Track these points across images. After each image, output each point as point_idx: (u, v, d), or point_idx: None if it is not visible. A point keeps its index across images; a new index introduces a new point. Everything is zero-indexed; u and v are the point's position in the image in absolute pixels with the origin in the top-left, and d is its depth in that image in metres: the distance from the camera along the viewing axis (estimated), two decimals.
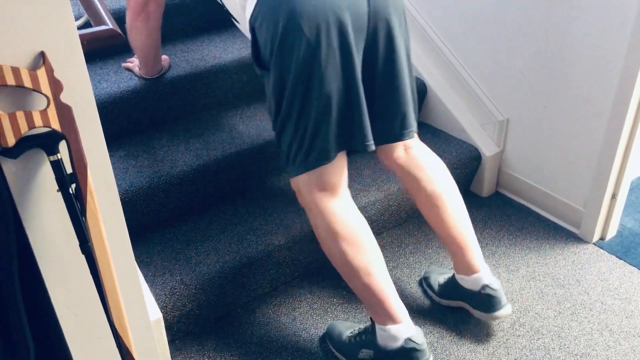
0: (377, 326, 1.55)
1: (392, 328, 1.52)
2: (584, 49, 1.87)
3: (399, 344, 1.51)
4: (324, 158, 1.46)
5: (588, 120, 1.95)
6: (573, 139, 2.02)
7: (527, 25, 2.00)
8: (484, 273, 1.68)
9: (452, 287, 1.78)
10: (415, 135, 1.64)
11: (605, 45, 1.81)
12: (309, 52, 1.33)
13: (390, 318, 1.52)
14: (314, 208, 1.53)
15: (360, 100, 1.43)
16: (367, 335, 1.60)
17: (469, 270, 1.69)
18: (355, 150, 1.51)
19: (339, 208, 1.51)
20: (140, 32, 1.83)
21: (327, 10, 1.32)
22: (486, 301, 1.68)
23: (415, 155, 1.65)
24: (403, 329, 1.52)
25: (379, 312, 1.53)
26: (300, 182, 1.53)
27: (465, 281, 1.71)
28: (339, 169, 1.52)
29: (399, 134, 1.57)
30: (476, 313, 1.72)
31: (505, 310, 1.67)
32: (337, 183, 1.52)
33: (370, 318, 1.58)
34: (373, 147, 1.50)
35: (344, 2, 1.34)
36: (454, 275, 1.76)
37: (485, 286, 1.67)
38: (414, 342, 1.50)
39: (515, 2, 2.01)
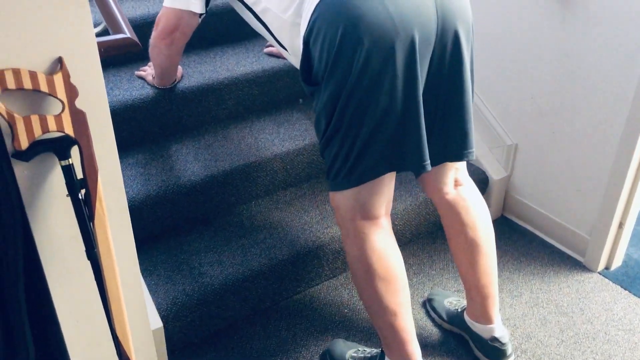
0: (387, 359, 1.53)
1: None
2: (595, 76, 1.87)
3: None
4: (369, 176, 1.37)
5: (597, 147, 1.95)
6: (581, 166, 2.02)
7: (539, 50, 2.01)
8: (496, 325, 1.66)
9: (458, 322, 1.76)
10: (466, 170, 1.58)
11: (616, 72, 1.81)
12: (367, 65, 1.25)
13: (404, 358, 1.50)
14: (351, 236, 1.45)
15: (420, 119, 1.33)
16: None
17: (483, 319, 1.66)
18: (408, 170, 1.43)
19: (379, 242, 1.43)
20: (161, 53, 1.84)
21: (396, 26, 1.24)
22: (492, 351, 1.67)
23: (464, 194, 1.57)
24: None
25: (395, 350, 1.50)
26: (342, 203, 1.44)
27: (475, 327, 1.69)
28: (385, 195, 1.43)
29: (458, 153, 1.47)
30: (478, 354, 1.70)
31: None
32: (381, 211, 1.44)
33: (382, 349, 1.55)
34: (430, 167, 1.39)
35: (414, 17, 1.25)
36: (463, 313, 1.74)
37: (495, 339, 1.65)
38: None
39: (528, 27, 2.02)
